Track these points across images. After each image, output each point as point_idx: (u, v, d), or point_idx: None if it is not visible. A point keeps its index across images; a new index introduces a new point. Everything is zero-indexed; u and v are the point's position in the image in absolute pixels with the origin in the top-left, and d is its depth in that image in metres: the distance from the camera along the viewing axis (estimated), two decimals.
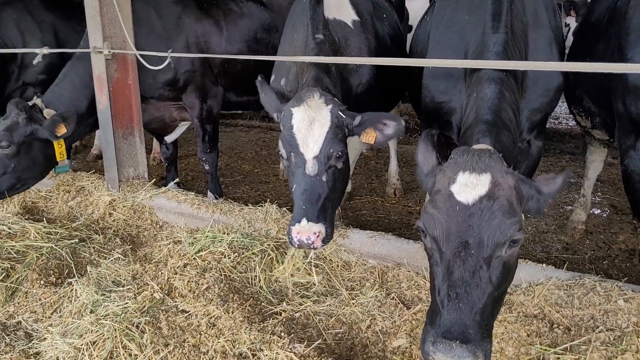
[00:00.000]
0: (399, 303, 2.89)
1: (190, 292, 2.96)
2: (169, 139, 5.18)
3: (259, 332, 2.62)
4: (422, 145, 2.27)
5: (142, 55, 4.11)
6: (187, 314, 2.84)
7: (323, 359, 2.50)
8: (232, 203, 3.98)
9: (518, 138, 2.79)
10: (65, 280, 3.28)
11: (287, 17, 3.95)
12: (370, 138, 2.86)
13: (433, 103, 3.20)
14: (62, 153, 4.19)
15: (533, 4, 3.08)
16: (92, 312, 2.88)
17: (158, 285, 3.07)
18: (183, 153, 7.15)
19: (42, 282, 3.26)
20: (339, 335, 2.78)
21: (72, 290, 3.11)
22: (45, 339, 2.75)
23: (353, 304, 2.93)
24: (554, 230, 4.65)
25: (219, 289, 2.95)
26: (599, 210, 5.11)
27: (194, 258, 3.28)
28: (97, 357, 2.54)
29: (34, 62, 4.49)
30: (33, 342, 2.79)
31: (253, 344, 2.54)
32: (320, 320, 2.85)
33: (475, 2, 3.03)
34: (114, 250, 3.66)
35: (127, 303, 2.90)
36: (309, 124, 2.74)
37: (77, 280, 3.17)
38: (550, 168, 6.40)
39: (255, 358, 2.50)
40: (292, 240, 2.65)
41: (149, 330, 2.66)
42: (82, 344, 2.62)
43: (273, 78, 3.74)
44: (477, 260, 1.88)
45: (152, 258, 3.56)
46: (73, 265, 3.47)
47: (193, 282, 3.03)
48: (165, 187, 4.42)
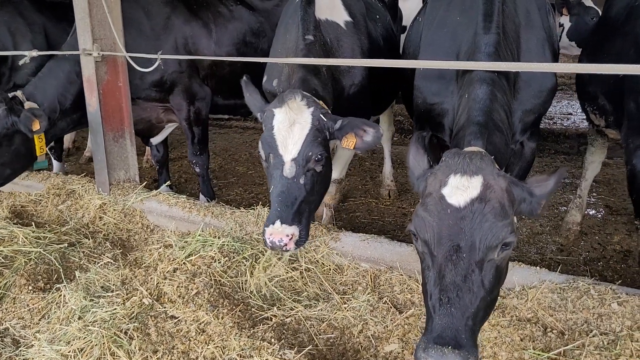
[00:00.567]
0: (392, 307, 2.86)
1: (180, 297, 2.92)
2: (155, 141, 5.13)
3: (249, 338, 2.57)
4: (413, 148, 2.25)
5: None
6: (176, 320, 2.79)
7: None
8: (223, 206, 3.94)
9: (510, 139, 2.77)
10: (54, 286, 3.22)
11: (274, 21, 3.92)
12: (350, 143, 2.83)
13: (425, 104, 3.17)
14: (42, 147, 4.12)
15: (525, 4, 3.05)
16: (80, 318, 2.83)
17: (147, 291, 3.02)
18: (176, 155, 7.10)
19: (30, 287, 3.20)
20: (331, 341, 2.74)
21: (60, 296, 3.06)
22: (33, 346, 2.70)
23: (345, 309, 2.89)
24: (549, 232, 4.62)
25: (209, 294, 2.90)
26: (594, 211, 5.09)
27: (184, 263, 3.23)
28: None
29: (20, 63, 4.44)
30: (20, 349, 2.74)
31: (243, 350, 2.50)
32: (312, 326, 2.81)
33: (467, 2, 3.00)
34: (104, 255, 3.61)
35: (115, 309, 2.85)
36: (289, 126, 2.71)
37: (65, 286, 3.12)
38: (545, 168, 6.38)
39: None
40: (265, 242, 2.64)
41: (138, 337, 2.61)
42: (69, 351, 2.57)
43: (265, 79, 3.70)
44: (469, 264, 1.85)
45: (142, 262, 3.51)
46: (62, 271, 3.42)
47: (183, 287, 2.98)
48: (157, 190, 4.38)
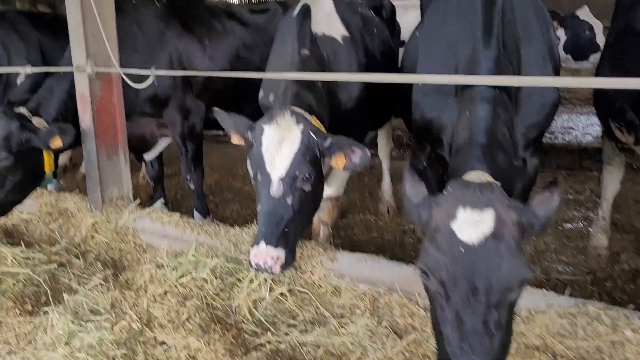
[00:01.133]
0: (391, 332, 2.72)
1: (170, 322, 2.79)
2: (148, 157, 5.03)
3: None
4: (409, 176, 2.13)
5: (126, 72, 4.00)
6: (166, 347, 2.67)
7: None
8: (217, 224, 3.82)
9: (514, 156, 2.67)
10: (42, 309, 3.10)
11: (266, 36, 3.86)
12: (340, 163, 2.71)
13: (423, 119, 3.08)
14: (50, 164, 4.02)
15: (525, 18, 2.98)
16: (66, 343, 2.71)
17: (137, 315, 2.89)
18: (173, 171, 6.99)
19: (17, 310, 3.08)
20: None
21: (47, 320, 2.93)
22: None
23: (342, 334, 2.75)
24: (553, 250, 4.49)
25: (200, 319, 2.78)
26: None
27: (175, 285, 3.12)
28: None
29: (18, 82, 4.37)
30: None
31: None
32: (308, 352, 2.67)
33: (466, 16, 2.92)
34: (95, 276, 3.48)
35: (103, 334, 2.73)
36: (278, 143, 2.61)
37: (52, 309, 3.00)
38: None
39: None
40: (250, 263, 2.55)
41: None
42: None
43: (262, 94, 3.64)
44: (488, 307, 1.75)
45: (133, 283, 3.39)
46: (49, 293, 3.29)
47: (173, 311, 2.86)
48: (150, 207, 4.27)
